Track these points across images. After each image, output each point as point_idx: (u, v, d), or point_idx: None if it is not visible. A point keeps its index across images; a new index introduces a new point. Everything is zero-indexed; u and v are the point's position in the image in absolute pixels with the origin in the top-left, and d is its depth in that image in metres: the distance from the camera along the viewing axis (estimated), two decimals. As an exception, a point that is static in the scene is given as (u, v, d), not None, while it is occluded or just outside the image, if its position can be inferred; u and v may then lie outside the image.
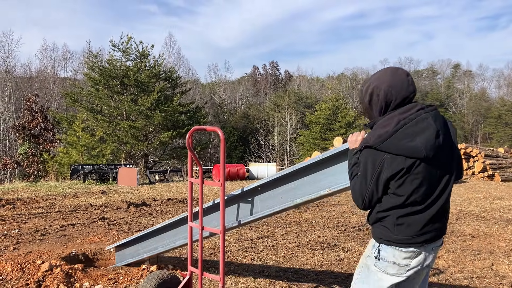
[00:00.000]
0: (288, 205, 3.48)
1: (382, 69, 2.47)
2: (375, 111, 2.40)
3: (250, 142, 50.43)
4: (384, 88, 2.33)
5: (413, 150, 2.19)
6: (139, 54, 31.09)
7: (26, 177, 26.95)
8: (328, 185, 3.19)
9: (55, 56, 60.27)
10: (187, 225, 4.29)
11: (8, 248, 6.03)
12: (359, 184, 2.35)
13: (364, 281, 2.51)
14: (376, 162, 2.26)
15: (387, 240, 2.35)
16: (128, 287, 4.44)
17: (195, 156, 3.57)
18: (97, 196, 12.60)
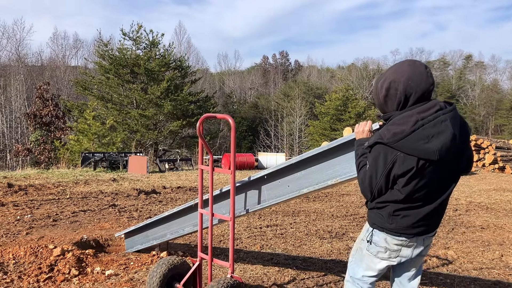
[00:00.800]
0: (295, 194, 3.49)
1: (398, 62, 2.43)
2: (390, 106, 2.35)
3: (259, 132, 50.42)
4: (403, 81, 2.27)
5: (427, 152, 2.18)
6: (149, 43, 31.09)
7: (38, 164, 27.24)
8: (335, 175, 3.19)
9: (66, 44, 60.63)
10: (195, 212, 4.34)
11: (21, 233, 6.13)
12: (368, 178, 2.34)
13: (357, 264, 2.60)
14: (387, 158, 2.25)
15: (381, 227, 2.41)
16: (138, 272, 4.50)
17: (205, 143, 3.59)
18: (107, 184, 12.72)
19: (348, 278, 2.66)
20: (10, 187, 10.92)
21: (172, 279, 3.66)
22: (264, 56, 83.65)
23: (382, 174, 2.28)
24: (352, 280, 2.63)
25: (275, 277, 4.47)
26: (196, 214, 4.29)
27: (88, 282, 4.18)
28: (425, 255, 2.55)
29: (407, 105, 2.30)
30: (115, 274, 4.40)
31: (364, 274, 2.56)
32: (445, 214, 8.62)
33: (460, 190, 12.90)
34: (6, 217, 7.28)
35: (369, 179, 2.33)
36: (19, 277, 4.23)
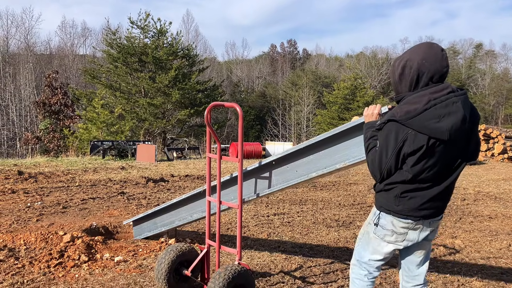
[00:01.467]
0: (303, 178, 3.51)
1: (417, 44, 2.45)
2: (404, 85, 2.39)
3: (267, 121, 50.36)
4: (418, 60, 2.31)
5: (437, 131, 2.21)
6: (157, 31, 31.05)
7: (47, 152, 27.48)
8: (343, 158, 3.22)
9: (74, 33, 60.68)
10: (203, 199, 4.39)
11: (32, 219, 6.21)
12: (378, 157, 2.37)
13: (364, 248, 2.62)
14: (399, 136, 2.28)
15: (388, 209, 2.44)
16: (147, 259, 4.55)
17: (213, 132, 3.60)
18: (116, 172, 12.81)
19: (355, 262, 2.68)
20: (20, 174, 11.05)
21: (180, 265, 3.70)
22: (272, 44, 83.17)
23: (393, 152, 2.31)
24: (359, 263, 2.65)
25: (282, 265, 4.50)
26: (204, 201, 4.33)
27: (97, 268, 4.24)
28: (432, 240, 2.56)
29: (419, 84, 2.33)
30: (124, 261, 4.46)
31: (371, 258, 2.59)
32: (453, 204, 8.61)
33: (468, 180, 12.84)
34: (17, 204, 7.38)
35: (379, 158, 2.36)
36: (30, 262, 4.30)
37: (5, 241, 4.93)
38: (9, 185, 9.44)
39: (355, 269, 2.67)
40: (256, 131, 49.45)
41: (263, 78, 67.16)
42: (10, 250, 4.65)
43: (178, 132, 33.40)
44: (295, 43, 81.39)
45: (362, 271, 2.63)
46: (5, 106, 43.08)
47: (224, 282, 3.16)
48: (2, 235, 5.13)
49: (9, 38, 51.83)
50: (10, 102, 42.99)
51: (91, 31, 74.30)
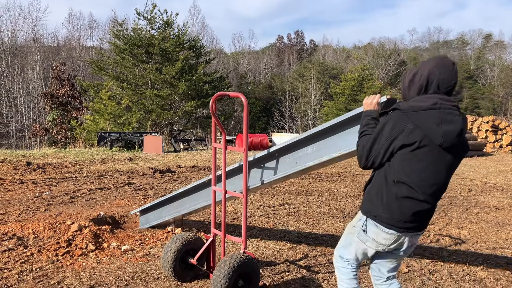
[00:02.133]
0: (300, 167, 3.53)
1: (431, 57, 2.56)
2: (412, 91, 2.45)
3: (274, 113, 50.26)
4: (429, 68, 2.40)
5: (434, 132, 2.28)
6: (163, 22, 30.99)
7: (55, 143, 27.66)
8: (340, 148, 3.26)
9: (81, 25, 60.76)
10: (207, 189, 4.45)
11: (40, 209, 6.29)
12: (370, 142, 2.43)
13: (346, 247, 2.68)
14: (396, 127, 2.33)
15: (374, 215, 2.46)
16: (153, 248, 4.60)
17: (218, 122, 3.62)
18: (123, 163, 12.89)
19: (337, 257, 2.74)
20: (29, 165, 11.15)
21: (186, 254, 3.74)
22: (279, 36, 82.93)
23: (386, 140, 2.37)
24: (341, 258, 2.71)
25: (288, 254, 4.53)
26: (208, 190, 4.40)
27: (104, 256, 4.30)
28: (408, 254, 2.62)
29: (428, 90, 2.40)
30: (130, 250, 4.51)
31: (352, 258, 2.66)
32: (460, 195, 8.60)
33: (475, 171, 12.78)
34: (26, 194, 7.46)
35: (371, 143, 2.42)
36: (39, 251, 4.36)
37: (14, 230, 5.00)
38: (17, 176, 9.53)
39: (339, 259, 2.73)
40: (262, 123, 49.40)
41: (270, 69, 66.94)
42: (19, 238, 4.72)
43: (184, 123, 33.46)
44: (302, 34, 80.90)
45: (345, 261, 2.70)
46: (14, 98, 43.36)
47: (229, 271, 3.19)
48: (11, 224, 5.20)
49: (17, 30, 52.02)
50: (19, 94, 43.26)
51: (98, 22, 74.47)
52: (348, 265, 2.69)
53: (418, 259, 4.54)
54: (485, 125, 21.85)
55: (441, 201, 7.97)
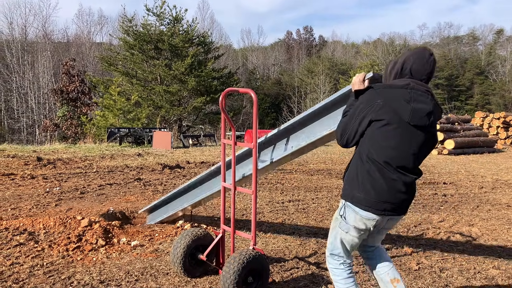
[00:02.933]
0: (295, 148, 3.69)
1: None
2: (391, 78, 2.60)
3: (282, 109, 50.14)
4: (406, 55, 2.57)
5: (402, 109, 2.39)
6: (172, 18, 31.02)
7: (65, 139, 27.88)
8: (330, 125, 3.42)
9: (91, 21, 61.09)
10: (210, 181, 4.57)
11: (51, 204, 6.33)
12: (346, 121, 2.58)
13: (332, 243, 2.73)
14: (368, 104, 2.47)
15: (351, 198, 2.53)
16: (163, 243, 4.61)
17: (228, 117, 3.61)
18: (133, 158, 12.95)
19: (328, 254, 2.77)
20: (39, 160, 11.24)
21: (195, 250, 3.74)
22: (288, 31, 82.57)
23: (358, 117, 2.49)
24: (332, 256, 2.74)
25: (297, 250, 4.52)
26: (212, 182, 4.57)
27: (114, 252, 4.32)
28: (390, 228, 2.75)
29: (402, 74, 2.54)
30: (140, 245, 4.53)
31: (341, 250, 2.69)
32: (470, 192, 8.52)
33: (486, 168, 12.66)
34: (36, 189, 7.52)
35: (346, 121, 2.56)
36: (50, 246, 4.39)
37: (25, 225, 5.04)
38: (28, 171, 9.62)
39: (330, 260, 2.77)
40: (271, 119, 49.33)
41: (279, 65, 66.77)
42: (30, 233, 4.76)
43: (193, 119, 33.53)
44: (311, 29, 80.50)
45: (336, 261, 2.72)
46: (24, 93, 43.72)
47: (238, 267, 3.18)
48: (22, 219, 5.25)
49: (27, 26, 52.38)
50: (29, 90, 43.60)
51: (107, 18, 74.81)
52: (340, 265, 2.71)
53: (429, 256, 4.51)
54: (496, 121, 21.64)
55: (451, 198, 7.91)
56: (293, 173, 10.54)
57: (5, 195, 6.96)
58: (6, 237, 4.63)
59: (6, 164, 10.55)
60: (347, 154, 15.85)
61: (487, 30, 71.60)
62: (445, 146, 17.16)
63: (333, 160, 14.03)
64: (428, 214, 6.56)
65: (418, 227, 5.80)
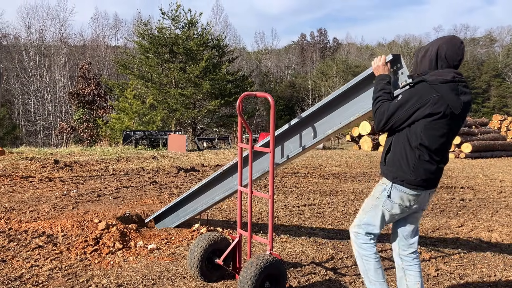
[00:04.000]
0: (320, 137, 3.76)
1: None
2: (424, 65, 2.75)
3: (296, 112, 50.03)
4: (439, 44, 2.71)
5: (456, 102, 2.61)
6: (187, 22, 31.21)
7: (81, 141, 28.19)
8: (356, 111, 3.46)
9: (106, 24, 61.75)
10: (222, 183, 4.63)
11: (68, 207, 6.40)
12: (394, 108, 2.68)
13: (372, 220, 2.90)
14: (423, 96, 2.60)
15: (401, 180, 2.75)
16: (179, 247, 4.62)
17: (245, 122, 3.61)
18: (148, 161, 13.03)
19: (360, 230, 2.93)
20: (56, 163, 11.38)
21: (212, 254, 3.73)
22: (302, 34, 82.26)
23: (409, 108, 2.63)
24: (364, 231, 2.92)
25: (313, 255, 4.49)
26: (225, 183, 4.62)
27: (131, 255, 4.34)
28: (425, 209, 3.01)
29: (437, 64, 2.70)
30: (157, 249, 4.54)
31: (378, 227, 2.90)
32: (489, 196, 8.42)
33: (505, 172, 12.47)
34: (54, 192, 7.61)
35: (395, 108, 2.67)
36: (68, 248, 4.43)
37: (44, 227, 5.10)
38: (46, 174, 9.74)
39: (360, 236, 2.93)
40: (285, 122, 48.88)
41: (292, 68, 66.68)
42: (49, 236, 4.81)
43: (208, 122, 33.66)
44: (325, 32, 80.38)
45: (367, 236, 2.92)
46: (41, 96, 44.34)
47: (256, 272, 3.17)
48: (41, 222, 5.31)
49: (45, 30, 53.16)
50: (46, 93, 44.21)
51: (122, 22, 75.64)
52: (370, 240, 2.92)
53: (447, 263, 4.44)
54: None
55: (469, 203, 7.80)
56: (308, 177, 10.49)
57: (24, 198, 7.05)
58: (25, 240, 4.68)
59: (24, 167, 10.70)
60: (362, 158, 15.74)
61: (504, 32, 70.57)
62: (462, 149, 16.95)
63: (349, 163, 13.94)
64: (446, 219, 6.47)
65: (436, 232, 5.73)
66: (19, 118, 44.14)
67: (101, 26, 60.59)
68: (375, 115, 2.77)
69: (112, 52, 51.88)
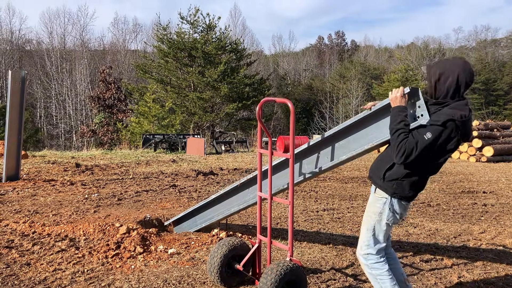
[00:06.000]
0: (334, 162, 3.67)
1: (450, 57, 2.94)
2: (439, 91, 2.79)
3: (314, 114, 49.83)
4: (458, 71, 2.73)
5: (469, 132, 2.78)
6: (206, 26, 31.44)
7: (102, 145, 28.58)
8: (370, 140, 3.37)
9: (126, 29, 62.54)
10: (240, 193, 4.62)
11: (89, 210, 6.49)
12: (422, 145, 2.70)
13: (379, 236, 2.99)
14: (450, 136, 2.70)
15: (400, 196, 2.91)
16: (199, 252, 4.64)
17: (264, 127, 3.62)
18: (167, 164, 13.14)
19: (372, 251, 3.00)
20: (77, 167, 11.56)
21: (232, 259, 3.75)
22: (320, 36, 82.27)
23: (439, 147, 2.71)
24: (377, 251, 2.99)
25: (333, 261, 4.47)
26: (242, 195, 4.60)
27: (152, 259, 4.38)
28: None
29: (459, 93, 2.75)
30: (177, 253, 4.58)
31: (383, 242, 3.01)
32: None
33: None
34: (76, 196, 7.73)
35: (423, 146, 2.69)
36: (90, 252, 4.50)
37: (66, 231, 5.19)
38: (67, 177, 9.91)
39: (371, 257, 3.00)
40: (302, 124, 49.13)
41: (310, 70, 66.51)
42: (71, 240, 4.89)
43: (226, 125, 33.80)
44: (343, 34, 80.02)
45: (378, 255, 2.99)
46: (63, 100, 45.16)
47: (276, 278, 3.17)
48: (63, 226, 5.40)
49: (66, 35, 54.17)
50: (67, 97, 45.01)
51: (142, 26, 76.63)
52: (381, 258, 2.99)
53: (470, 270, 4.37)
54: (538, 127, 20.81)
55: (492, 208, 7.66)
56: (326, 181, 10.45)
57: (47, 201, 7.18)
58: (48, 243, 4.77)
59: (47, 170, 10.90)
60: (381, 161, 15.57)
61: (527, 32, 69.10)
62: (483, 153, 16.64)
63: (368, 167, 13.82)
64: (468, 225, 6.37)
65: (458, 238, 5.64)
66: (41, 122, 45.02)
67: (120, 31, 61.47)
68: (399, 148, 2.76)
69: (131, 56, 52.55)
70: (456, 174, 12.32)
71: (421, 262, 4.59)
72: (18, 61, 48.33)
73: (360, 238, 3.09)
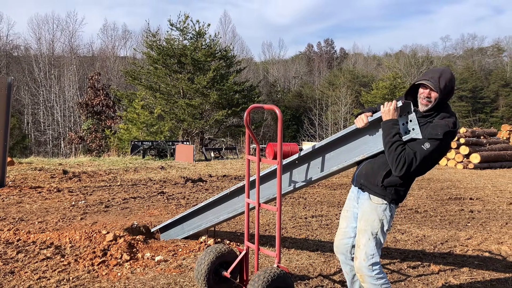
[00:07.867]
0: (325, 173, 3.70)
1: (446, 67, 3.10)
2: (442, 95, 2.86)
3: (303, 121, 50.05)
4: (454, 83, 2.93)
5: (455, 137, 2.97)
6: (195, 33, 31.47)
7: (90, 151, 28.36)
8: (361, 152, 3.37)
9: (115, 35, 62.34)
10: (229, 202, 4.60)
11: (76, 218, 6.42)
12: (420, 157, 2.77)
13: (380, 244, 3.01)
14: (448, 146, 2.87)
15: (396, 202, 3.02)
16: (186, 259, 4.61)
17: (252, 134, 3.62)
18: (156, 171, 13.07)
19: (377, 260, 2.99)
20: (65, 173, 11.45)
21: (219, 266, 3.73)
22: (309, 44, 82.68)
23: (438, 158, 2.86)
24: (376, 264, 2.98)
25: (321, 268, 4.47)
26: (230, 203, 4.59)
27: (139, 267, 4.34)
28: None
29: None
30: (164, 260, 4.54)
31: (380, 250, 3.04)
32: (498, 208, 8.32)
33: None
34: (62, 203, 7.65)
35: (422, 157, 2.77)
36: (75, 260, 4.45)
37: (52, 238, 5.12)
38: (54, 184, 9.80)
39: (374, 267, 2.97)
40: (292, 131, 49.27)
41: (300, 78, 66.82)
42: (57, 247, 4.83)
43: (215, 132, 33.76)
44: (332, 42, 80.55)
45: (379, 265, 3.00)
46: (51, 107, 44.78)
47: (263, 285, 3.16)
48: (49, 233, 5.34)
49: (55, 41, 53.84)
50: (55, 103, 44.65)
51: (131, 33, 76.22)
52: (379, 267, 2.99)
53: (457, 276, 4.40)
54: (524, 134, 21.11)
55: (478, 214, 7.73)
56: (315, 187, 10.46)
57: (33, 208, 7.09)
58: (33, 251, 4.71)
59: (33, 177, 10.78)
60: (370, 168, 15.64)
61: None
62: (470, 160, 16.82)
63: (356, 174, 13.87)
64: (455, 231, 6.42)
65: (444, 245, 5.68)
66: (28, 128, 44.56)
67: (110, 37, 61.24)
68: (398, 160, 2.82)
69: (120, 62, 52.36)
70: (443, 181, 12.42)
71: (409, 268, 4.61)
72: (5, 67, 47.87)
73: (361, 250, 3.00)
